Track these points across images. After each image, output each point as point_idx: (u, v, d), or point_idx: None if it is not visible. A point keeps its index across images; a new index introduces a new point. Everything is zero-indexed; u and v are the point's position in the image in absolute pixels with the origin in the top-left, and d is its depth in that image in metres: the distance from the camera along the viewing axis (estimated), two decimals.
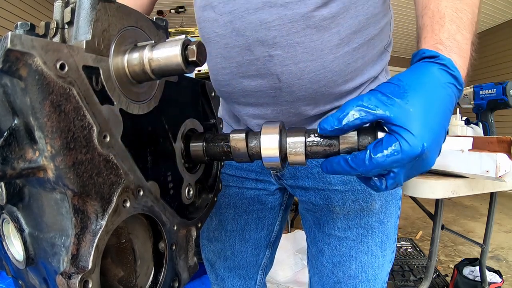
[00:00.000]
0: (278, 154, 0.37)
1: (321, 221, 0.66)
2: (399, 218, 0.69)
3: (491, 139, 0.90)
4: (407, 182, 0.93)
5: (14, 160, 0.24)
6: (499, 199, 1.59)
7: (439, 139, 0.35)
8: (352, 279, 0.64)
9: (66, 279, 0.25)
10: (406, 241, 2.44)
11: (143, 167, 0.33)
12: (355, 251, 0.63)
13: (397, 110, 0.33)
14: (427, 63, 0.38)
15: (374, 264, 0.64)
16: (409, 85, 0.35)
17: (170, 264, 0.38)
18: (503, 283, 1.64)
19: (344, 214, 0.63)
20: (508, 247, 2.45)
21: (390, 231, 0.65)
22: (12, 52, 0.21)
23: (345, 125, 0.34)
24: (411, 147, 0.32)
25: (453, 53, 0.39)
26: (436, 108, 0.34)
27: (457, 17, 0.42)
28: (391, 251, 0.67)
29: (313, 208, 0.66)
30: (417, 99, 0.34)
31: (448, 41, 0.40)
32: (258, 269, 0.80)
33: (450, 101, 0.36)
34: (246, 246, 0.76)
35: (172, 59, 0.30)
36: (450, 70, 0.37)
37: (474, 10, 0.45)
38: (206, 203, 0.48)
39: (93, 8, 0.28)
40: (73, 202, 0.26)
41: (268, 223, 0.76)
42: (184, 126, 0.41)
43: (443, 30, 0.41)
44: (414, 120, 0.33)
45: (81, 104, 0.26)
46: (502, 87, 1.35)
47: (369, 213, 0.62)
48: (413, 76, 0.36)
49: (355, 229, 0.63)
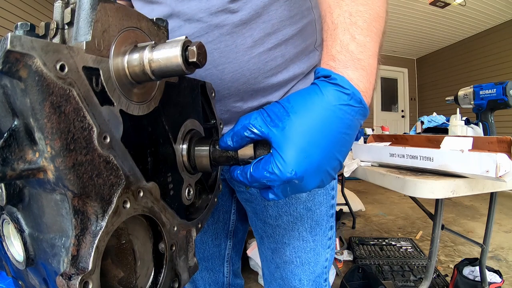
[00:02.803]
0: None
1: (257, 210, 0.70)
2: (334, 207, 0.73)
3: (491, 139, 0.90)
4: (406, 182, 0.93)
5: (14, 161, 0.24)
6: (499, 199, 1.59)
7: (321, 166, 0.34)
8: (287, 264, 0.70)
9: (66, 280, 0.25)
10: (406, 241, 2.44)
11: (143, 168, 0.33)
12: (287, 237, 0.68)
13: (276, 133, 0.34)
14: (320, 82, 0.36)
15: (306, 248, 0.69)
16: (293, 108, 0.34)
17: (170, 265, 0.38)
18: (503, 283, 1.64)
19: (274, 202, 0.67)
20: (508, 247, 2.45)
21: (320, 218, 0.69)
22: (12, 53, 0.21)
23: (236, 143, 0.37)
24: (281, 172, 0.33)
25: (347, 68, 0.37)
26: (320, 134, 0.33)
27: (350, 23, 0.39)
28: (327, 238, 0.72)
29: (250, 197, 0.70)
30: (297, 124, 0.33)
31: (341, 55, 0.38)
32: (223, 260, 0.84)
33: (341, 124, 0.34)
34: (206, 236, 0.79)
35: (172, 60, 0.30)
36: (343, 89, 0.35)
37: (375, 5, 0.40)
38: (206, 203, 0.48)
39: (93, 9, 0.28)
40: (73, 203, 0.26)
41: (223, 211, 0.79)
42: (184, 127, 0.41)
43: (335, 44, 0.39)
44: (289, 145, 0.33)
45: (81, 105, 0.26)
46: (502, 87, 1.35)
47: (297, 201, 0.67)
48: (301, 99, 0.35)
49: (285, 216, 0.67)
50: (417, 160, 0.96)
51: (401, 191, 0.96)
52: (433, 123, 1.96)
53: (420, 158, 0.95)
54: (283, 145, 0.33)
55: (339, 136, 0.34)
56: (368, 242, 2.42)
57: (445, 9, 4.82)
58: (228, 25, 0.54)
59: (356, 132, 0.37)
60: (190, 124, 0.42)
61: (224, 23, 0.54)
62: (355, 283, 1.72)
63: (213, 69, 0.57)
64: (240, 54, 0.56)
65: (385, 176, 1.04)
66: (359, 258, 2.14)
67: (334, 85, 0.35)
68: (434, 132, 1.79)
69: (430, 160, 0.92)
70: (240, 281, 0.91)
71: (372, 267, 1.94)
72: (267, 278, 0.76)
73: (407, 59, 7.26)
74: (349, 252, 2.27)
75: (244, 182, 0.37)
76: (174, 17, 0.56)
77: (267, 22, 0.55)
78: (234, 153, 0.39)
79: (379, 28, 0.41)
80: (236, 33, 0.55)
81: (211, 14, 0.53)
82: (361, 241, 2.45)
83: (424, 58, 7.15)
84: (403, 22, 5.26)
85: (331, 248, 0.74)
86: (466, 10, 4.78)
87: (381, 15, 0.41)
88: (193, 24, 0.55)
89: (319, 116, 0.34)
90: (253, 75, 0.58)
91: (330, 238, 0.73)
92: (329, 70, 0.37)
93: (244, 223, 0.86)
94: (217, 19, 0.54)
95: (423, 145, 1.08)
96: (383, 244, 2.39)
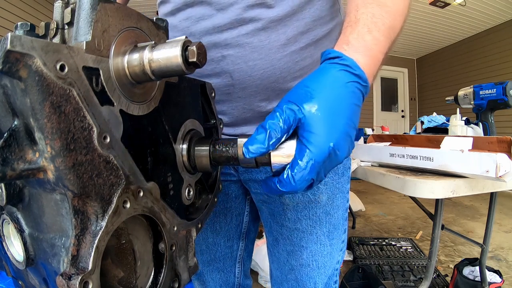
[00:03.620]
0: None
1: (274, 212, 0.69)
2: (347, 210, 0.73)
3: (491, 139, 0.90)
4: (406, 182, 0.93)
5: (14, 161, 0.24)
6: (499, 199, 1.59)
7: (347, 133, 0.37)
8: (304, 267, 0.69)
9: (66, 280, 0.25)
10: (406, 241, 2.44)
11: (143, 168, 0.33)
12: (305, 241, 0.68)
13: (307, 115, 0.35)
14: (329, 64, 0.39)
15: (323, 252, 0.68)
16: (315, 90, 0.37)
17: (170, 265, 0.38)
18: (503, 283, 1.64)
19: (293, 205, 0.66)
20: (508, 247, 2.45)
21: (337, 222, 0.69)
22: (12, 53, 0.21)
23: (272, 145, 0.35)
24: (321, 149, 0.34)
25: (358, 53, 0.41)
26: (341, 106, 0.37)
27: (371, 21, 0.44)
28: (341, 241, 0.72)
29: (268, 199, 0.69)
30: (323, 103, 0.36)
31: (356, 41, 0.42)
32: (235, 261, 0.83)
33: (354, 97, 0.38)
34: (218, 238, 0.78)
35: (172, 60, 0.30)
36: (351, 69, 0.38)
37: (396, 18, 0.46)
38: (206, 203, 0.48)
39: (93, 8, 0.28)
40: (73, 203, 0.26)
41: (236, 213, 0.78)
42: (184, 127, 0.41)
43: (353, 32, 0.43)
44: (321, 122, 0.35)
45: (81, 105, 0.26)
46: (502, 87, 1.35)
47: (316, 205, 0.66)
48: (317, 81, 0.38)
49: (304, 220, 0.67)
50: (417, 160, 0.96)
51: (401, 191, 0.96)
52: (433, 123, 1.96)
53: (420, 158, 0.95)
54: (316, 123, 0.35)
55: (353, 107, 0.38)
56: (368, 242, 2.42)
57: (445, 9, 4.82)
58: (263, 20, 0.53)
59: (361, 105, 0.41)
60: (190, 124, 0.42)
61: (260, 17, 0.53)
62: (355, 283, 1.72)
63: (243, 64, 0.56)
64: (273, 51, 0.55)
65: (385, 176, 1.04)
66: (359, 258, 2.14)
67: (344, 65, 0.39)
68: (434, 132, 1.79)
69: (430, 160, 0.92)
70: (249, 282, 0.90)
71: (372, 267, 1.95)
72: (277, 279, 0.75)
73: (407, 59, 7.26)
74: (349, 252, 2.27)
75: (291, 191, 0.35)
76: (205, 5, 0.55)
77: (301, 20, 0.55)
78: (235, 153, 0.38)
79: (392, 36, 0.46)
80: (271, 28, 0.54)
81: (248, 6, 0.53)
82: (361, 241, 2.45)
83: (424, 58, 7.15)
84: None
85: (342, 251, 0.74)
86: (466, 10, 4.78)
87: (398, 27, 0.47)
88: (227, 14, 0.54)
89: (337, 92, 0.37)
90: (283, 74, 0.57)
91: (343, 241, 0.72)
92: (340, 52, 0.40)
93: (256, 223, 0.85)
94: (253, 12, 0.53)
95: (423, 145, 1.08)
96: (383, 244, 2.39)
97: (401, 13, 0.47)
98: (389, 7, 0.46)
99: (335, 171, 0.67)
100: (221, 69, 0.57)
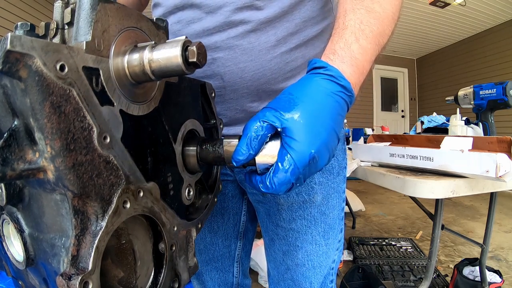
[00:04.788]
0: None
1: (270, 212, 0.70)
2: (343, 210, 0.73)
3: (491, 139, 0.90)
4: (406, 182, 0.93)
5: (14, 161, 0.24)
6: (499, 199, 1.59)
7: (328, 142, 0.37)
8: (299, 267, 0.69)
9: (66, 280, 0.25)
10: (406, 241, 2.44)
11: (143, 168, 0.33)
12: (301, 241, 0.68)
13: (289, 122, 0.36)
14: (314, 74, 0.40)
15: (319, 252, 0.68)
16: (298, 98, 0.37)
17: (170, 265, 0.38)
18: (503, 283, 1.64)
19: (288, 205, 0.66)
20: (508, 247, 2.45)
21: (333, 222, 0.69)
22: (12, 53, 0.21)
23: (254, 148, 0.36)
24: (302, 155, 0.35)
25: (343, 63, 0.41)
26: (324, 116, 0.37)
27: (359, 29, 0.44)
28: (337, 241, 0.71)
29: (263, 199, 0.69)
30: (306, 111, 0.36)
31: (342, 51, 0.42)
32: (233, 261, 0.83)
33: (338, 106, 0.39)
34: (216, 237, 0.78)
35: (172, 60, 0.30)
36: (336, 80, 0.39)
37: (385, 23, 0.46)
38: (206, 203, 0.48)
39: (93, 9, 0.28)
40: (73, 203, 0.26)
41: (233, 213, 0.79)
42: (184, 127, 0.41)
43: (340, 41, 0.43)
44: (303, 130, 0.35)
45: (81, 105, 0.26)
46: (502, 87, 1.35)
47: (311, 205, 0.66)
48: (302, 90, 0.39)
49: (299, 220, 0.67)
50: (417, 160, 0.96)
51: (401, 191, 0.96)
52: (433, 123, 1.96)
53: (420, 158, 0.95)
54: (298, 131, 0.35)
55: (336, 117, 0.38)
56: (368, 242, 2.42)
57: (445, 9, 4.82)
58: (253, 22, 0.53)
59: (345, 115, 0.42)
60: (190, 124, 0.42)
61: (249, 19, 0.53)
62: (355, 283, 1.72)
63: (233, 67, 0.56)
64: (263, 52, 0.55)
65: (385, 176, 1.04)
66: (359, 258, 2.14)
67: (329, 75, 0.39)
68: (434, 132, 1.79)
69: (430, 160, 0.92)
70: (248, 281, 0.91)
71: (372, 267, 1.94)
72: (274, 279, 0.76)
73: (407, 59, 7.26)
74: (349, 252, 2.27)
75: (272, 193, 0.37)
76: (194, 8, 0.55)
77: (291, 21, 0.55)
78: (221, 153, 0.39)
79: (381, 43, 0.46)
80: (260, 30, 0.54)
81: (237, 9, 0.53)
82: (361, 241, 2.45)
83: (424, 58, 7.15)
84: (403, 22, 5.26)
85: (339, 250, 0.74)
86: (466, 10, 4.78)
87: (387, 33, 0.47)
88: (216, 17, 0.54)
89: (321, 101, 0.38)
90: (274, 75, 0.57)
91: (339, 240, 0.72)
92: (325, 62, 0.40)
93: (253, 222, 0.85)
94: (242, 15, 0.53)
95: (423, 145, 1.08)
96: (383, 244, 2.39)
97: (390, 18, 0.47)
98: (377, 12, 0.46)
99: (330, 171, 0.67)
100: (212, 72, 0.57)
